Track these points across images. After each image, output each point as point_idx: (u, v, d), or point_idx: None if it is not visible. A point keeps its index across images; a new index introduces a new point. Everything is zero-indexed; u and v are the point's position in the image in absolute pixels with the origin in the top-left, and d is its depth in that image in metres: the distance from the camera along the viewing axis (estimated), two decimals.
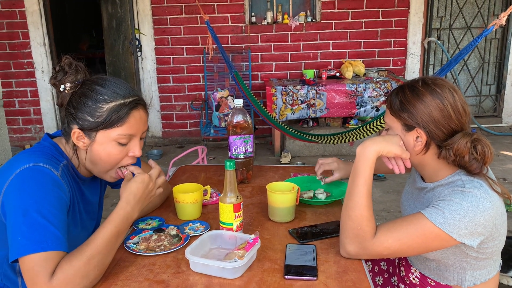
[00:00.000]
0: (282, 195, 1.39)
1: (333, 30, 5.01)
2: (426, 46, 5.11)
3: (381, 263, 1.56)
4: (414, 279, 1.35)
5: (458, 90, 1.19)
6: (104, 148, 1.15)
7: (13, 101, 5.10)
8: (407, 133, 1.20)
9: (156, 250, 1.22)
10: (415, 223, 1.11)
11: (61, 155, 1.19)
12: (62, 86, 1.15)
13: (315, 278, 1.09)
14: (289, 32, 4.99)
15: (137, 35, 4.89)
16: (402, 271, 1.43)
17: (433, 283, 1.29)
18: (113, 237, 1.09)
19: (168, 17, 4.92)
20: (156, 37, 4.96)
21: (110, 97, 1.14)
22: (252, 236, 1.15)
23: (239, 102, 1.66)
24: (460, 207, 1.08)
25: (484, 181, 1.14)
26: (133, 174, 1.21)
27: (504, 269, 2.36)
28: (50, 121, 5.20)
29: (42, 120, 5.19)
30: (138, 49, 4.93)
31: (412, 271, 1.36)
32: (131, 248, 1.22)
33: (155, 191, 1.22)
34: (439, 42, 5.02)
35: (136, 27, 4.89)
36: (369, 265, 1.56)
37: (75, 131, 1.15)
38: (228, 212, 1.25)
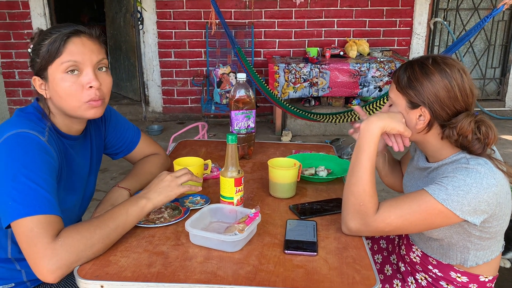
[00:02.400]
0: (283, 171, 1.38)
1: (338, 8, 4.93)
2: (432, 26, 5.03)
3: (380, 242, 1.56)
4: (415, 257, 1.35)
5: (467, 71, 1.17)
6: (57, 84, 1.13)
7: (13, 72, 5.05)
8: (410, 111, 1.19)
9: (156, 222, 1.21)
10: (418, 199, 1.11)
11: (44, 116, 1.18)
12: (29, 50, 1.17)
13: (315, 253, 1.09)
14: (293, 9, 4.91)
15: (138, 8, 4.80)
16: (403, 250, 1.43)
17: (434, 262, 1.28)
18: (122, 217, 1.10)
19: None
20: (158, 10, 4.88)
21: (52, 33, 1.13)
22: (253, 210, 1.15)
23: (242, 76, 1.64)
24: (464, 183, 1.07)
25: (489, 160, 1.13)
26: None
27: (504, 251, 2.37)
28: None
29: None
30: (139, 22, 4.85)
31: (413, 249, 1.35)
32: None
33: (177, 190, 1.20)
34: (445, 23, 4.94)
35: (138, 0, 4.80)
36: (368, 243, 1.56)
37: (34, 78, 1.16)
38: (229, 186, 1.24)
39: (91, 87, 1.14)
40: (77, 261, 1.00)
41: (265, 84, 3.84)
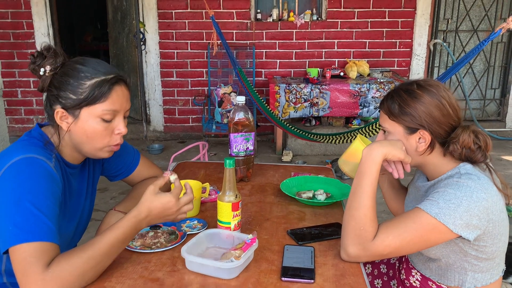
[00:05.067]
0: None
1: (339, 29, 4.98)
2: (431, 48, 5.07)
3: (380, 266, 1.54)
4: (414, 281, 1.34)
5: (449, 88, 1.24)
6: (89, 125, 1.13)
7: (15, 91, 5.09)
8: (409, 136, 1.21)
9: (152, 247, 1.20)
10: (413, 217, 1.12)
11: (49, 144, 1.17)
12: (42, 70, 1.13)
13: (312, 281, 1.07)
14: (294, 30, 4.96)
15: (141, 29, 4.87)
16: (402, 274, 1.41)
17: (434, 286, 1.28)
18: (118, 242, 1.06)
19: (173, 11, 4.89)
20: (161, 31, 4.94)
21: (92, 73, 1.13)
22: (250, 236, 1.14)
23: (241, 99, 1.64)
24: (454, 197, 1.10)
25: (486, 173, 1.18)
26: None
27: (505, 275, 2.34)
28: None
29: (43, 111, 5.17)
30: (142, 43, 4.91)
31: (413, 273, 1.35)
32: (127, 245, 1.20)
33: (175, 217, 1.15)
34: (445, 44, 4.98)
35: (141, 20, 4.87)
36: (368, 268, 1.55)
37: (58, 110, 1.13)
38: (226, 211, 1.24)
39: (119, 133, 1.18)
40: None
41: (266, 104, 3.86)
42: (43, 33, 4.92)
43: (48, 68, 1.13)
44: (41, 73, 1.14)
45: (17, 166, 1.05)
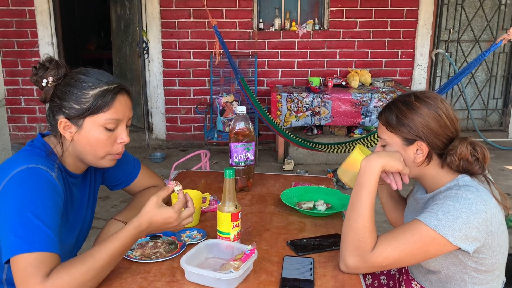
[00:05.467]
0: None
1: (341, 39, 5.01)
2: (433, 57, 5.09)
3: (381, 277, 1.54)
4: None
5: (446, 100, 1.24)
6: (92, 134, 1.15)
7: (19, 99, 5.12)
8: (407, 147, 1.21)
9: (152, 257, 1.20)
10: (411, 229, 1.12)
11: (52, 154, 1.18)
12: (45, 81, 1.15)
13: None
14: (296, 40, 4.99)
15: (144, 38, 4.90)
16: (403, 286, 1.41)
17: None
18: (118, 253, 1.07)
19: (176, 20, 4.93)
20: (164, 40, 4.97)
21: (95, 83, 1.14)
22: (249, 247, 1.14)
23: (241, 109, 1.65)
24: (453, 209, 1.10)
25: (485, 185, 1.18)
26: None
27: (505, 287, 2.32)
28: None
29: (47, 120, 5.19)
30: (145, 52, 4.94)
31: (413, 285, 1.34)
32: (126, 254, 1.20)
33: (176, 228, 1.17)
34: (447, 54, 5.00)
35: (144, 29, 4.91)
36: (368, 279, 1.54)
37: (62, 120, 1.14)
38: (225, 221, 1.24)
39: (121, 142, 1.19)
40: None
41: (267, 113, 3.86)
42: (47, 41, 4.96)
43: (50, 79, 1.15)
44: (44, 84, 1.15)
45: (20, 176, 1.05)
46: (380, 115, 1.26)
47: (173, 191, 1.18)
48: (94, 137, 1.15)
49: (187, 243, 1.28)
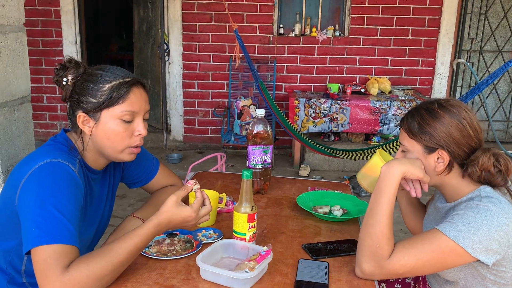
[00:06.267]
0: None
1: (361, 46, 4.99)
2: (455, 67, 5.03)
3: (395, 286, 1.52)
4: None
5: (471, 109, 1.22)
6: (109, 127, 1.17)
7: (41, 97, 5.23)
8: (428, 155, 1.20)
9: (168, 254, 1.22)
10: (430, 238, 1.11)
11: (73, 149, 1.21)
12: (65, 79, 1.19)
13: None
14: (316, 45, 4.99)
15: (166, 40, 4.96)
16: None
17: None
18: (136, 249, 1.09)
19: (198, 24, 4.98)
20: (185, 43, 5.03)
21: (111, 77, 1.17)
22: (265, 248, 1.14)
23: (260, 112, 1.66)
24: (474, 220, 1.08)
25: (507, 197, 1.15)
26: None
27: None
28: None
29: (67, 118, 5.29)
30: (166, 54, 5.01)
31: None
32: (143, 251, 1.22)
33: (193, 226, 1.21)
34: (468, 64, 4.93)
35: (166, 32, 4.97)
36: (383, 286, 1.53)
37: (80, 115, 1.17)
38: (242, 222, 1.24)
39: (139, 134, 1.21)
40: None
41: (285, 118, 3.87)
42: (70, 41, 5.06)
43: (70, 77, 1.19)
44: (64, 82, 1.19)
45: (42, 170, 1.08)
46: (402, 122, 1.25)
47: (192, 190, 1.20)
48: (111, 130, 1.17)
49: (203, 242, 1.29)
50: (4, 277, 1.22)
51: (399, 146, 1.28)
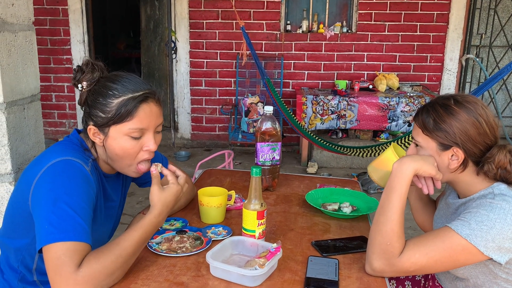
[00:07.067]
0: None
1: (369, 42, 4.96)
2: (463, 63, 4.98)
3: (405, 283, 1.52)
4: None
5: (487, 105, 1.19)
6: (117, 143, 1.16)
7: (50, 95, 5.27)
8: (442, 152, 1.18)
9: (178, 251, 1.22)
10: (442, 236, 1.09)
11: (87, 150, 1.21)
12: (80, 86, 1.18)
13: None
14: (323, 42, 4.97)
15: (173, 38, 4.97)
16: None
17: None
18: (141, 241, 1.10)
19: (205, 21, 4.98)
20: (192, 40, 5.03)
21: (120, 92, 1.15)
22: (274, 245, 1.14)
23: (269, 109, 1.66)
24: (487, 219, 1.06)
25: None
26: (161, 175, 1.21)
27: None
28: None
29: (76, 115, 5.33)
30: (173, 52, 5.01)
31: None
32: (153, 248, 1.22)
33: (180, 198, 1.25)
34: (477, 59, 4.89)
35: (173, 29, 4.98)
36: (393, 284, 1.52)
37: (91, 127, 1.17)
38: (251, 219, 1.24)
39: (147, 150, 1.21)
40: None
41: (293, 115, 3.86)
42: (78, 40, 5.09)
43: (84, 84, 1.18)
44: (79, 88, 1.19)
45: (55, 168, 1.09)
46: (416, 117, 1.23)
47: (160, 172, 1.21)
48: (120, 146, 1.17)
49: (212, 239, 1.30)
50: (15, 275, 1.23)
51: (412, 141, 1.26)
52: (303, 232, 1.40)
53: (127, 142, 1.17)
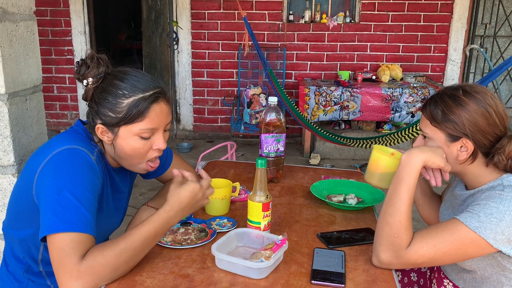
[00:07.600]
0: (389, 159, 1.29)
1: (372, 32, 4.92)
2: (467, 53, 4.94)
3: (411, 274, 1.51)
4: None
5: (496, 95, 1.17)
6: (127, 143, 1.15)
7: (51, 87, 5.25)
8: (451, 144, 1.16)
9: (183, 243, 1.21)
10: (450, 228, 1.08)
11: (93, 141, 1.20)
12: (85, 81, 1.15)
13: (342, 285, 1.06)
14: (326, 32, 4.93)
15: (174, 28, 4.93)
16: (434, 284, 1.38)
17: None
18: (150, 237, 1.08)
19: (206, 11, 4.94)
20: (193, 31, 5.00)
21: (130, 91, 1.12)
22: (280, 237, 1.13)
23: (273, 100, 1.64)
24: (497, 211, 1.05)
25: None
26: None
27: None
28: (85, 108, 5.26)
29: (78, 107, 5.32)
30: (175, 42, 4.98)
31: (445, 283, 1.31)
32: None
33: (203, 202, 1.19)
34: (482, 50, 4.84)
35: (174, 20, 4.94)
36: (398, 275, 1.51)
37: (99, 126, 1.15)
38: (256, 211, 1.23)
39: (157, 148, 1.19)
40: (101, 283, 1.00)
41: (295, 106, 3.84)
42: (79, 31, 5.06)
43: (90, 80, 1.14)
44: (85, 84, 1.16)
45: (60, 156, 1.07)
46: (424, 108, 1.21)
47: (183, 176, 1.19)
48: (130, 145, 1.15)
49: (217, 231, 1.29)
50: (20, 266, 1.22)
51: (419, 131, 1.24)
52: (309, 224, 1.39)
53: (137, 142, 1.15)
